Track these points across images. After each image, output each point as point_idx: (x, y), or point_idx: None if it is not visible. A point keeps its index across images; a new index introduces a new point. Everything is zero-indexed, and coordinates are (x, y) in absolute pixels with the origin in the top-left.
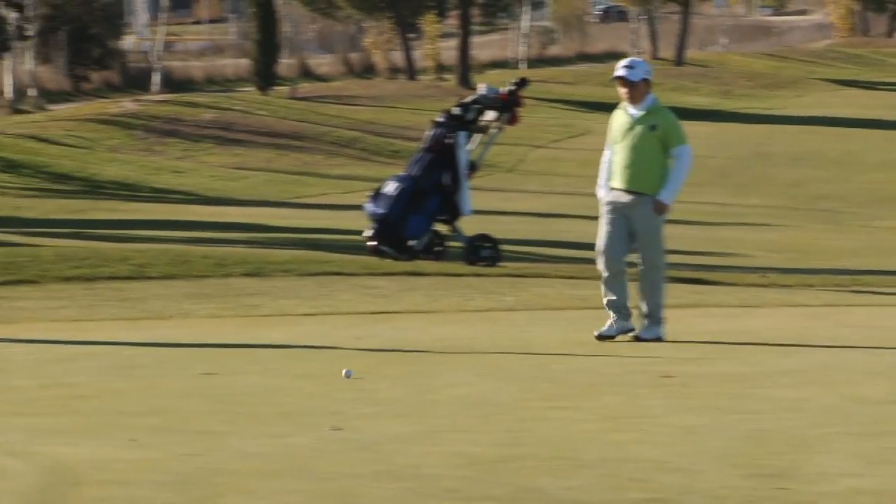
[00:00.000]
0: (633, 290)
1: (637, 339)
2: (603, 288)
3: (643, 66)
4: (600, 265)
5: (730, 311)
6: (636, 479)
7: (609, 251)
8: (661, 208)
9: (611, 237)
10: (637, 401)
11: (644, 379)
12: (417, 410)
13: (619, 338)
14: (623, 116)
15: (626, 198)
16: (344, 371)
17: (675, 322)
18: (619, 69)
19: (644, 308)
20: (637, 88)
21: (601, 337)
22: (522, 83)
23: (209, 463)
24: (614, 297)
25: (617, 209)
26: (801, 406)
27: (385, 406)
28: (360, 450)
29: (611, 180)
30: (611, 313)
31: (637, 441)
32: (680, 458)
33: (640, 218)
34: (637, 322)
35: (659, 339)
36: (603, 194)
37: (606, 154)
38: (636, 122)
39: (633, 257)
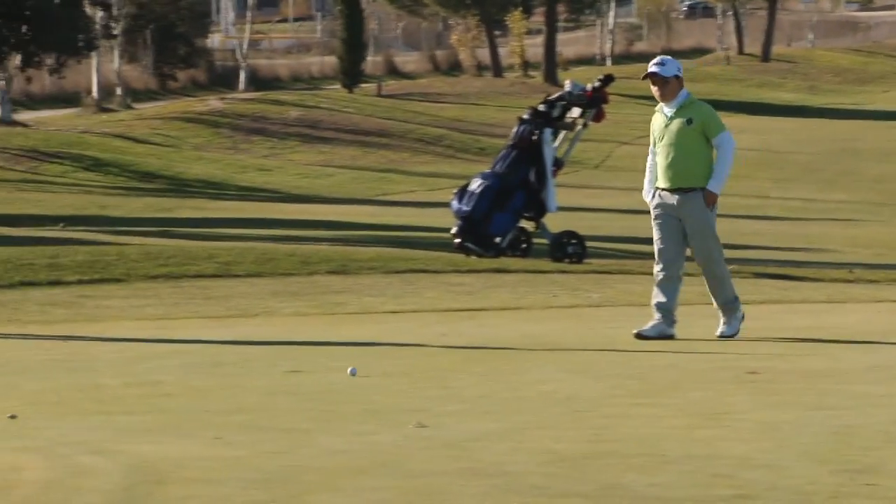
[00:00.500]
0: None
1: (722, 336)
2: (655, 289)
3: (674, 63)
4: (657, 268)
5: (816, 307)
6: (722, 476)
7: (666, 254)
8: (710, 198)
9: (665, 241)
10: (723, 397)
11: (730, 375)
12: (503, 407)
13: (703, 334)
14: (659, 117)
15: (673, 198)
16: (349, 369)
17: (761, 318)
18: (650, 67)
19: (717, 304)
20: (669, 85)
21: (640, 336)
22: (608, 80)
23: (295, 461)
24: (664, 300)
25: (666, 211)
26: (887, 402)
27: (471, 403)
28: (446, 447)
29: (657, 182)
30: (656, 314)
31: (722, 437)
32: (765, 455)
33: (690, 214)
34: (718, 321)
35: (736, 334)
36: (650, 199)
37: (650, 159)
38: (672, 118)
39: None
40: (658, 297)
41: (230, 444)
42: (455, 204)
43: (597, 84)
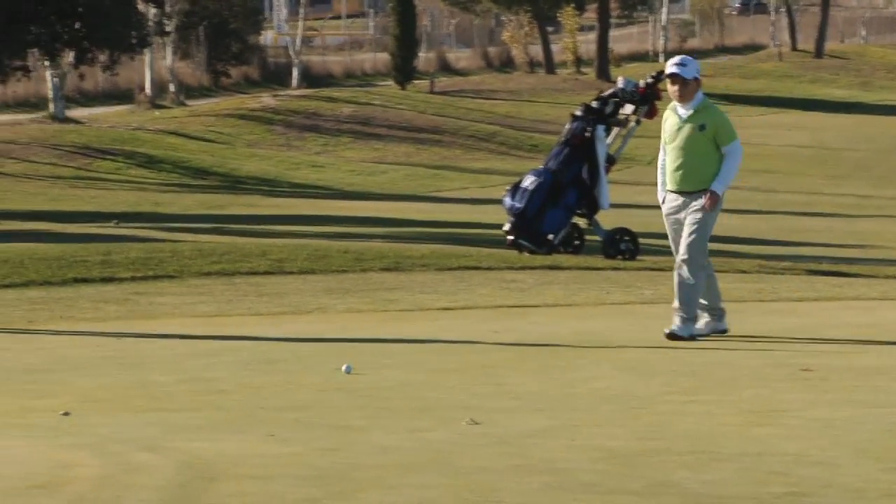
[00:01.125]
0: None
1: (671, 335)
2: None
3: (694, 64)
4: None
5: (869, 304)
6: (775, 473)
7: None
8: (713, 198)
9: (675, 246)
10: (776, 394)
11: (783, 372)
12: (556, 404)
13: (757, 331)
14: (673, 117)
15: (679, 200)
16: (344, 366)
17: (814, 315)
18: (671, 66)
19: (676, 302)
20: (688, 86)
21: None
22: (661, 76)
23: (348, 458)
24: (704, 301)
25: (675, 214)
26: None
27: (523, 400)
28: (499, 444)
29: (666, 184)
30: (704, 314)
31: (776, 435)
32: (819, 452)
33: (691, 211)
34: (673, 316)
35: (693, 337)
36: (660, 198)
37: (661, 157)
38: (685, 121)
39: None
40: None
41: (283, 441)
42: (508, 201)
43: (649, 80)
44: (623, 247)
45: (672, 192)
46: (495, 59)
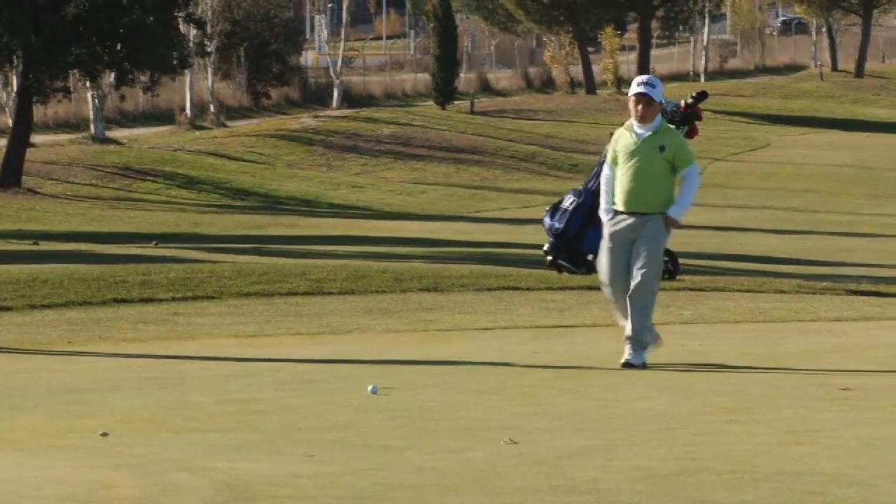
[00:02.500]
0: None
1: (626, 365)
2: (617, 314)
3: (660, 86)
4: (608, 295)
5: None
6: (813, 493)
7: (615, 283)
8: (671, 223)
9: (614, 268)
10: (815, 414)
11: (822, 392)
12: (594, 425)
13: (796, 350)
14: (628, 136)
15: (629, 220)
16: (370, 387)
17: (853, 334)
18: (640, 86)
19: (629, 331)
20: (652, 107)
21: (628, 365)
22: (701, 96)
23: (386, 478)
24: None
25: (621, 236)
26: None
27: (562, 420)
28: (537, 464)
29: (615, 204)
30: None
31: (814, 454)
32: (857, 472)
33: (647, 235)
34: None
35: (644, 366)
36: (608, 219)
37: (607, 173)
38: (644, 142)
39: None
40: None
41: (322, 462)
42: (547, 221)
43: (690, 100)
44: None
45: (622, 212)
46: (536, 80)
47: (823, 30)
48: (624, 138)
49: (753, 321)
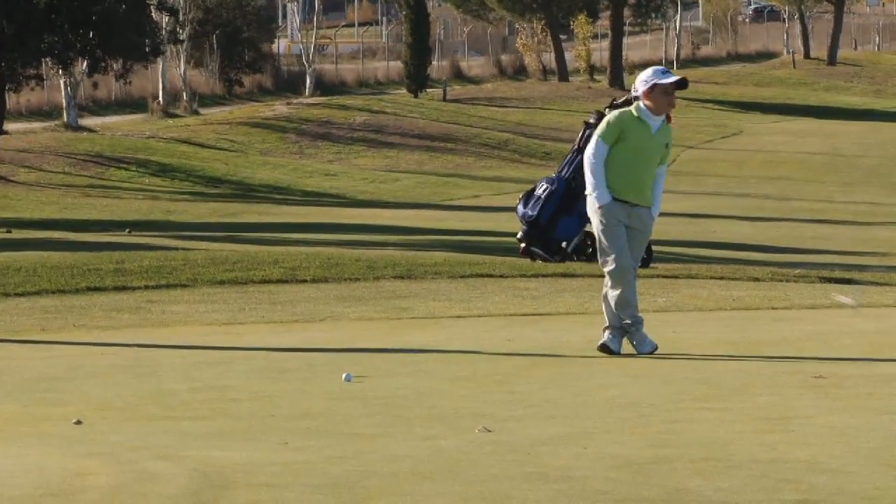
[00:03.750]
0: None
1: (605, 347)
2: (623, 301)
3: None
4: (624, 277)
5: (883, 311)
6: (787, 480)
7: (628, 261)
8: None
9: (625, 248)
10: (789, 401)
11: (796, 379)
12: (568, 412)
13: (769, 338)
14: (642, 127)
15: (625, 208)
16: (344, 375)
17: (827, 322)
18: (672, 76)
19: (624, 318)
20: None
21: (605, 348)
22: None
23: (360, 466)
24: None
25: (620, 220)
26: None
27: (536, 408)
28: (511, 452)
29: (613, 190)
30: (617, 326)
31: (789, 442)
32: (832, 459)
33: (643, 225)
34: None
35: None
36: (608, 200)
37: (602, 151)
38: (657, 135)
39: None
40: (632, 306)
41: (296, 449)
42: (521, 208)
43: None
44: None
45: (622, 201)
46: (508, 67)
47: (796, 17)
48: (635, 126)
49: (727, 308)
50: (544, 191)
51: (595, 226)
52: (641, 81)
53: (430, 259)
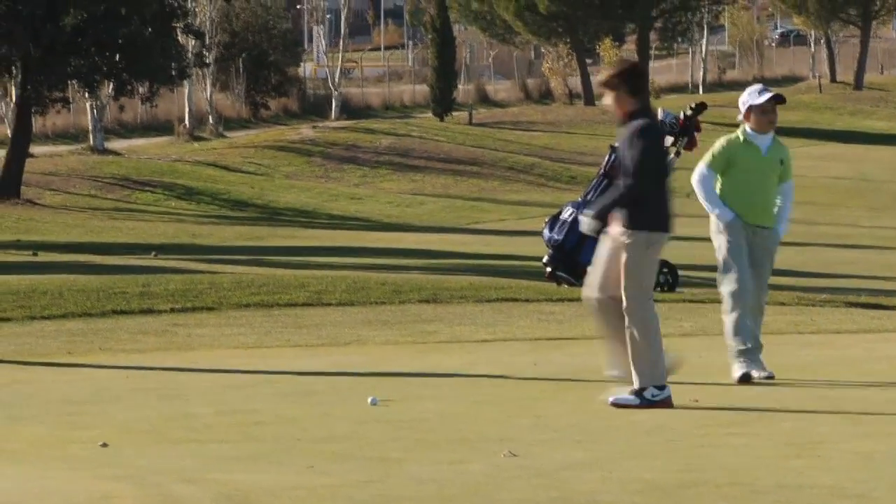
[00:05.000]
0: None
1: (742, 379)
2: (738, 326)
3: None
4: (745, 299)
5: None
6: None
7: (747, 288)
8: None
9: (746, 273)
10: (815, 427)
11: (822, 405)
12: (594, 437)
13: (796, 363)
14: (748, 148)
15: (747, 229)
16: (369, 398)
17: (853, 347)
18: (767, 91)
19: (740, 344)
20: (777, 115)
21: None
22: (700, 108)
23: (386, 490)
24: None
25: (743, 239)
26: None
27: (561, 432)
28: (537, 476)
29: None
30: (743, 350)
31: (814, 467)
32: (857, 485)
33: (767, 247)
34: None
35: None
36: (730, 217)
37: (707, 176)
38: (767, 155)
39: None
40: (744, 335)
41: (321, 473)
42: (546, 233)
43: (689, 112)
44: (661, 279)
45: (747, 223)
46: (534, 91)
47: (822, 41)
48: (742, 150)
49: None
50: (570, 215)
51: (719, 247)
52: (741, 104)
53: (456, 283)
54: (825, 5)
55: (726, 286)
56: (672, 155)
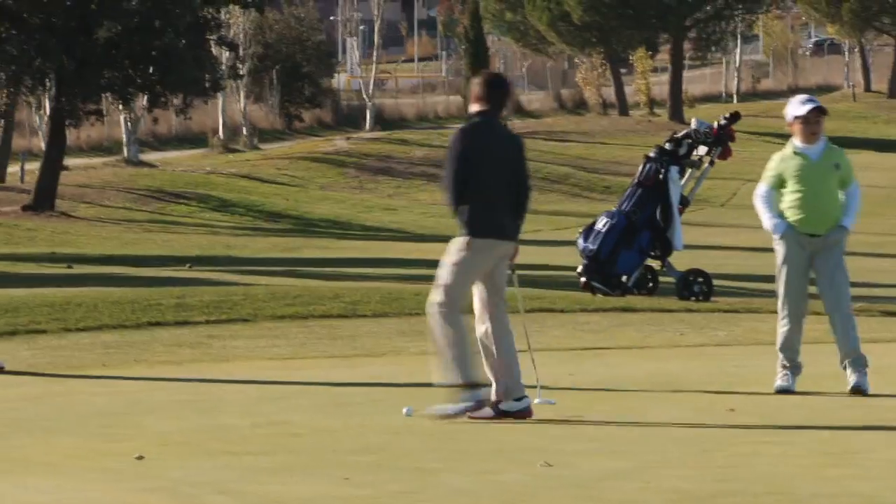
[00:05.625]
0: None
1: (855, 390)
2: (785, 340)
3: None
4: (798, 313)
5: None
6: None
7: (798, 304)
8: (845, 234)
9: (797, 288)
10: (851, 435)
11: (858, 413)
12: (630, 446)
13: (832, 371)
14: (798, 158)
15: (806, 240)
16: (405, 409)
17: (889, 355)
18: (810, 101)
19: (846, 350)
20: (822, 124)
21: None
22: (734, 117)
23: (422, 500)
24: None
25: (800, 257)
26: None
27: (597, 442)
28: (573, 486)
29: (795, 226)
30: (787, 365)
31: (851, 476)
32: (893, 494)
33: (829, 249)
34: (851, 368)
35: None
36: (783, 229)
37: (764, 192)
38: (817, 162)
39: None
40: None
41: (357, 485)
42: (581, 242)
43: (723, 122)
44: (696, 288)
45: (806, 234)
46: (568, 101)
47: (856, 50)
48: (792, 161)
49: None
50: (605, 225)
51: (777, 259)
52: (786, 115)
53: None
54: (859, 14)
55: (779, 296)
56: (706, 164)
